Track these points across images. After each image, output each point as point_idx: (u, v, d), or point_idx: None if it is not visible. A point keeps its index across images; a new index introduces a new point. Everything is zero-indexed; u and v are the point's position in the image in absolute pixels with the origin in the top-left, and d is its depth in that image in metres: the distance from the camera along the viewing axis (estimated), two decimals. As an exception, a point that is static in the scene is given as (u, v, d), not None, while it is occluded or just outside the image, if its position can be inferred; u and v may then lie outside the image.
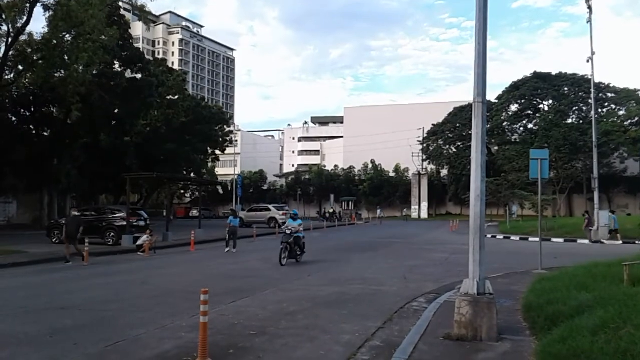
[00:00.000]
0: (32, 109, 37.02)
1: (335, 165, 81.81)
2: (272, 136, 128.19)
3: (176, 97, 45.28)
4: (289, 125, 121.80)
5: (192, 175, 52.80)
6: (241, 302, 9.88)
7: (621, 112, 57.45)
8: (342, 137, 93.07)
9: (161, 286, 12.15)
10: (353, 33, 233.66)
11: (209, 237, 27.43)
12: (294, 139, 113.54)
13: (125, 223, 23.07)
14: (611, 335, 5.25)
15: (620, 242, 25.94)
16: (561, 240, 28.02)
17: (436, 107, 73.38)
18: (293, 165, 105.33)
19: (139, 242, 20.54)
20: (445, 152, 70.03)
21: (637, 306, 6.26)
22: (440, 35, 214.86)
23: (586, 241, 27.07)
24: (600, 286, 8.46)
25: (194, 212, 63.35)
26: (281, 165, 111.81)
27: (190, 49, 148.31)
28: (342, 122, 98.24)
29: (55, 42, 27.81)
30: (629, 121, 55.91)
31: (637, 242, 25.15)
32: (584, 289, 8.34)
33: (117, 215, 24.04)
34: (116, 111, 38.22)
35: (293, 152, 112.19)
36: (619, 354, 4.64)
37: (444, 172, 72.10)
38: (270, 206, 44.07)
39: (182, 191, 71.22)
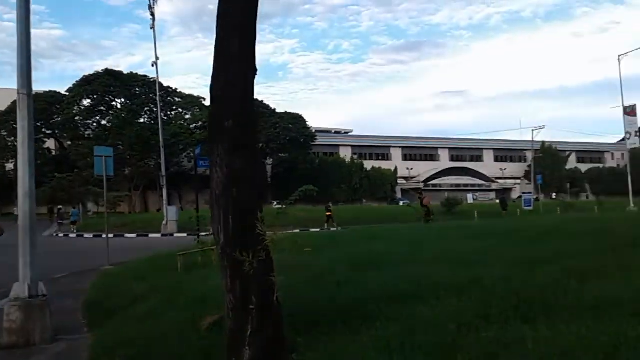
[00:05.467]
0: None
1: None
2: None
3: None
4: None
5: None
6: None
7: (187, 116, 63.38)
8: None
9: None
10: None
11: None
12: None
13: None
14: (158, 320, 5.77)
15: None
16: (134, 235, 29.02)
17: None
18: None
19: None
20: (10, 144, 63.01)
21: (183, 290, 7.08)
22: (5, 15, 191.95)
23: (158, 235, 28.68)
24: (157, 276, 9.18)
25: None
26: None
27: None
28: None
29: None
30: (194, 125, 62.07)
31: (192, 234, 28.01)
32: (143, 279, 8.90)
33: None
34: None
35: None
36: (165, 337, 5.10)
37: (10, 166, 64.83)
38: None
39: None
